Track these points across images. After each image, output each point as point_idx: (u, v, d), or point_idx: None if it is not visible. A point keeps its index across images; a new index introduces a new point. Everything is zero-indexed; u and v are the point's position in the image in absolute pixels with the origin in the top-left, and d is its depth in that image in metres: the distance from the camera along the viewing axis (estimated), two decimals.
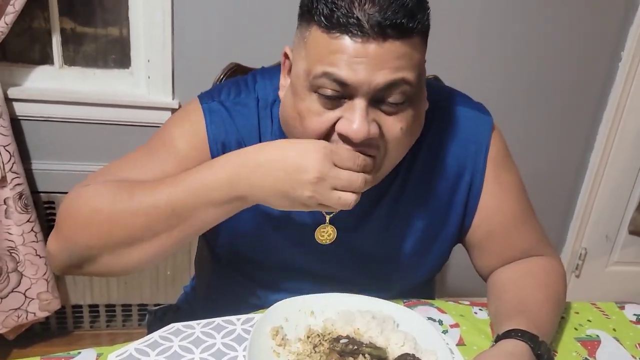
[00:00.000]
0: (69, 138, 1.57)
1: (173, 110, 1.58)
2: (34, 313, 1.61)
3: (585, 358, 0.77)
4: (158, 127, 1.61)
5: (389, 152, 0.66)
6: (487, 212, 0.82)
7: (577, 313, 0.87)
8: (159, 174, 0.70)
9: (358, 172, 0.61)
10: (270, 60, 1.03)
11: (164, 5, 1.47)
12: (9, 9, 1.32)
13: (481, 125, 0.81)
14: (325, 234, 0.77)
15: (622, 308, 0.90)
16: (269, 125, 0.77)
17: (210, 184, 0.64)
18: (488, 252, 0.85)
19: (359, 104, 0.62)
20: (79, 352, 0.67)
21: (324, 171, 0.60)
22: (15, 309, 1.58)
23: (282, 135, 0.75)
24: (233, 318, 0.75)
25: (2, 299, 1.55)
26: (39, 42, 1.55)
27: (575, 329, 0.83)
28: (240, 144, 0.76)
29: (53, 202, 1.60)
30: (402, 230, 0.82)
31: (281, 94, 0.73)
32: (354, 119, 0.62)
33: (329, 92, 0.62)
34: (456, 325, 0.81)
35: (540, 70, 1.77)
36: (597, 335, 0.82)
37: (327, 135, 0.65)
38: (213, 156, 0.74)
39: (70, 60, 1.57)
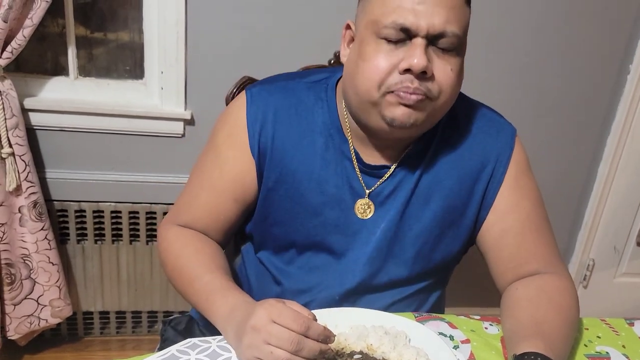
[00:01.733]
0: (82, 147, 1.60)
1: (185, 121, 1.61)
2: (46, 320, 1.63)
3: None
4: (170, 137, 1.65)
5: (442, 91, 0.75)
6: (503, 210, 0.87)
7: (587, 329, 0.88)
8: (209, 191, 0.88)
9: (298, 332, 0.64)
10: None
11: (178, 17, 1.49)
12: (27, 22, 1.35)
13: (507, 129, 0.90)
14: (365, 208, 0.86)
15: (632, 324, 0.91)
16: (305, 105, 0.86)
17: (212, 315, 0.77)
18: (503, 255, 0.87)
19: (419, 42, 0.72)
20: None
21: (258, 324, 0.65)
22: (28, 316, 1.60)
23: (331, 112, 0.85)
24: None
25: (15, 305, 1.57)
26: (54, 53, 1.58)
27: (585, 345, 0.84)
28: (276, 119, 0.84)
29: (66, 210, 1.62)
30: (425, 206, 0.86)
31: (343, 59, 0.82)
32: (415, 54, 0.71)
33: (394, 37, 0.73)
34: (467, 341, 0.82)
35: (548, 82, 1.78)
36: (607, 352, 0.83)
37: (388, 75, 0.73)
38: (251, 143, 0.85)
39: (84, 71, 1.60)
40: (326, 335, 0.67)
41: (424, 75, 0.73)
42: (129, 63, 1.62)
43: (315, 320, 0.68)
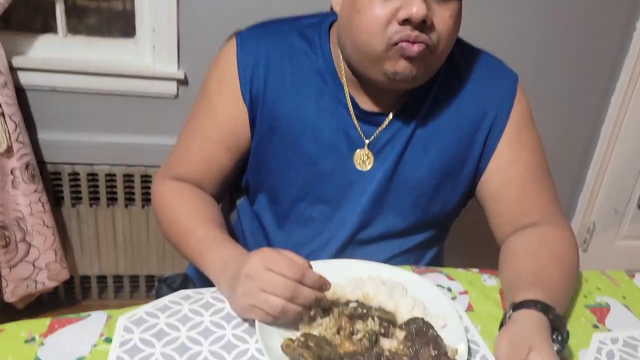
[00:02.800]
0: (74, 108, 1.56)
1: (179, 81, 1.57)
2: (43, 283, 1.62)
3: (595, 324, 0.77)
4: (164, 98, 1.61)
5: (441, 39, 0.72)
6: (504, 159, 0.84)
7: (587, 281, 0.87)
8: (202, 140, 0.85)
9: (293, 279, 0.63)
10: None
11: None
12: None
13: (509, 75, 0.87)
14: (365, 159, 0.84)
15: (632, 276, 0.90)
16: (296, 50, 0.82)
17: (206, 268, 0.76)
18: (503, 207, 0.85)
19: None
20: (89, 315, 0.68)
21: (253, 271, 0.64)
22: (25, 279, 1.59)
23: (324, 56, 0.81)
24: None
25: (11, 268, 1.56)
26: (43, 10, 1.53)
27: (585, 296, 0.83)
28: (268, 63, 0.81)
29: (60, 173, 1.60)
30: (424, 154, 0.84)
31: (337, 8, 0.78)
32: (414, 2, 0.68)
33: None
34: (465, 293, 0.80)
35: (551, 39, 1.73)
36: (607, 303, 0.82)
37: (387, 25, 0.70)
38: (243, 88, 0.82)
39: (74, 29, 1.55)
40: (322, 282, 0.65)
41: (423, 24, 0.69)
42: (119, 21, 1.57)
43: (311, 268, 0.66)
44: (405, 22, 0.69)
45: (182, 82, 1.58)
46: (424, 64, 0.73)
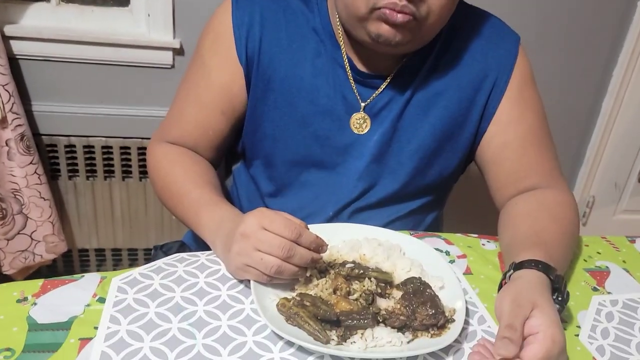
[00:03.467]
0: (68, 79, 1.54)
1: (174, 50, 1.54)
2: (41, 255, 1.62)
3: (594, 287, 0.76)
4: (159, 67, 1.58)
5: (431, 11, 0.69)
6: (505, 121, 0.82)
7: (587, 246, 0.86)
8: (196, 104, 0.83)
9: (289, 239, 0.62)
10: None
11: None
12: None
13: (511, 36, 0.85)
14: (361, 122, 0.82)
15: (633, 241, 0.89)
16: (293, 8, 0.80)
17: (201, 229, 0.75)
18: (503, 169, 0.84)
19: None
20: (83, 276, 0.67)
21: (248, 230, 0.63)
22: (22, 251, 1.59)
23: (322, 16, 0.79)
24: None
25: (8, 240, 1.55)
26: None
27: (585, 260, 0.82)
28: (263, 22, 0.79)
29: (55, 145, 1.58)
30: (423, 118, 0.82)
31: None
32: None
33: None
34: (463, 256, 0.80)
35: (553, 10, 1.70)
36: (607, 267, 0.81)
37: None
38: (238, 48, 0.79)
39: None
40: (318, 243, 0.64)
41: None
42: None
43: (307, 228, 0.65)
44: None
45: (178, 52, 1.55)
46: (411, 33, 0.71)
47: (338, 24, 0.79)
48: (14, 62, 1.47)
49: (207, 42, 0.82)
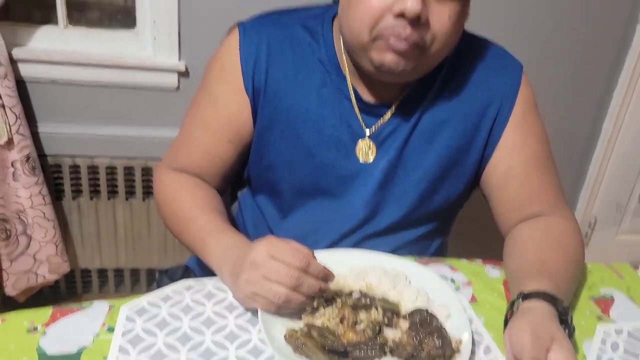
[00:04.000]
0: (75, 100, 1.55)
1: (179, 73, 1.56)
2: (44, 276, 1.62)
3: (599, 316, 0.76)
4: (165, 90, 1.60)
5: (435, 39, 0.70)
6: (509, 147, 0.84)
7: (591, 273, 0.86)
8: (203, 132, 0.85)
9: (298, 268, 0.62)
10: None
11: None
12: None
13: (514, 65, 0.86)
14: (367, 150, 0.84)
15: (636, 268, 0.89)
16: (300, 40, 0.81)
17: (207, 255, 0.75)
18: (507, 195, 0.84)
19: None
20: (91, 304, 0.67)
21: (258, 259, 0.64)
22: (25, 272, 1.59)
23: (327, 48, 0.81)
24: None
25: (12, 261, 1.55)
26: (43, 2, 1.52)
27: (589, 288, 0.83)
28: (269, 53, 0.80)
29: (60, 166, 1.59)
30: (428, 146, 0.83)
31: None
32: None
33: None
34: (469, 284, 0.80)
35: (554, 33, 1.72)
36: (611, 295, 0.81)
37: (380, 17, 0.69)
38: (245, 79, 0.81)
39: (74, 20, 1.54)
40: (326, 273, 0.65)
41: (418, 21, 0.67)
42: (120, 12, 1.56)
43: (315, 258, 0.65)
44: (400, 16, 0.67)
45: (183, 74, 1.57)
46: (414, 61, 0.72)
47: (343, 54, 0.80)
48: (21, 84, 1.49)
49: (214, 71, 0.84)
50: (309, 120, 0.81)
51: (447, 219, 0.95)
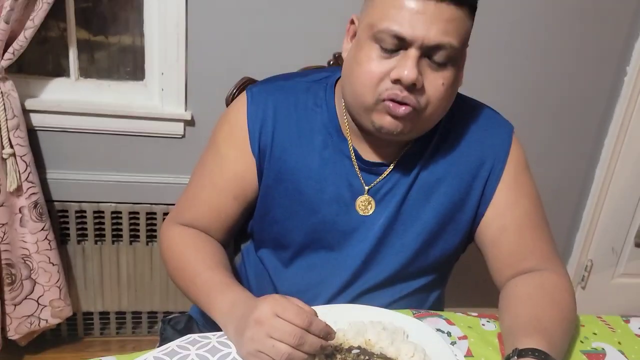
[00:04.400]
0: (83, 148, 1.61)
1: (185, 122, 1.62)
2: (46, 320, 1.63)
3: None
4: (171, 137, 1.65)
5: (430, 103, 0.76)
6: (502, 206, 0.88)
7: (583, 326, 0.89)
8: (210, 190, 0.89)
9: (301, 327, 0.65)
10: None
11: (178, 20, 1.50)
12: (29, 23, 1.36)
13: (505, 126, 0.91)
14: (366, 204, 0.88)
15: (627, 321, 0.92)
16: (304, 105, 0.87)
17: (213, 310, 0.78)
18: (501, 252, 0.88)
19: (412, 53, 0.72)
20: None
21: (262, 317, 0.66)
22: (28, 316, 1.61)
23: (329, 111, 0.86)
24: None
25: (15, 305, 1.57)
26: (56, 55, 1.59)
27: (581, 341, 0.85)
28: (275, 117, 0.86)
29: (67, 211, 1.63)
30: (425, 202, 0.88)
31: (344, 54, 0.83)
32: (407, 65, 0.72)
33: (388, 45, 0.73)
34: (464, 337, 0.83)
35: (546, 85, 1.80)
36: (603, 349, 0.84)
37: (380, 81, 0.75)
38: (252, 142, 0.86)
39: (85, 72, 1.61)
40: (327, 331, 0.68)
41: (413, 87, 0.73)
42: (129, 65, 1.63)
43: (317, 316, 0.68)
44: (396, 81, 0.73)
45: (189, 123, 1.63)
46: (411, 123, 0.77)
47: (345, 117, 0.86)
48: (32, 133, 1.54)
49: (222, 133, 0.89)
50: (312, 179, 0.86)
51: (444, 271, 0.98)
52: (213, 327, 0.79)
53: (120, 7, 1.58)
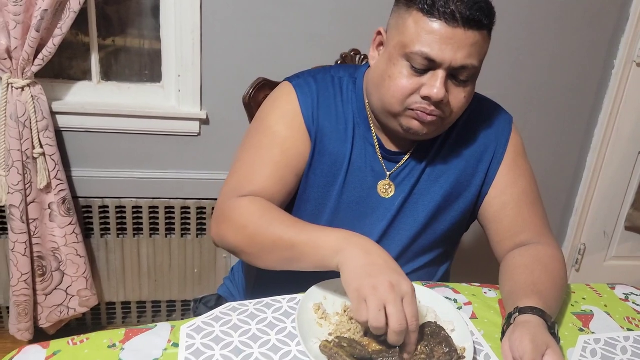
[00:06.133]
0: (106, 147, 1.71)
1: (201, 121, 1.72)
2: (74, 309, 1.74)
3: (580, 328, 0.90)
4: (187, 136, 1.75)
5: (453, 112, 0.89)
6: (502, 185, 0.99)
7: (574, 292, 1.00)
8: (272, 165, 0.93)
9: (400, 324, 0.69)
10: None
11: (194, 25, 1.60)
12: (57, 31, 1.46)
13: (505, 116, 1.03)
14: (387, 188, 0.98)
15: (613, 288, 1.03)
16: (339, 95, 0.97)
17: (323, 243, 0.79)
18: (502, 226, 0.99)
19: (441, 74, 0.83)
20: (156, 325, 0.80)
21: (394, 283, 0.71)
22: (58, 305, 1.71)
23: (358, 104, 0.96)
24: (279, 298, 0.88)
25: (46, 295, 1.68)
26: (78, 60, 1.69)
27: (572, 305, 0.96)
28: (319, 105, 0.95)
29: (91, 206, 1.73)
30: (435, 182, 0.99)
31: (371, 62, 0.93)
32: (436, 85, 0.83)
33: (419, 65, 0.83)
34: (469, 303, 0.94)
35: (538, 78, 1.91)
36: (591, 310, 0.95)
37: (409, 96, 0.85)
38: (307, 125, 0.95)
39: (106, 76, 1.71)
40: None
41: (440, 102, 0.85)
42: (147, 68, 1.73)
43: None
44: (426, 98, 0.85)
45: (204, 122, 1.73)
46: (435, 127, 0.90)
47: (369, 111, 0.97)
48: (58, 133, 1.64)
49: (274, 118, 0.95)
50: (343, 164, 0.97)
51: (450, 246, 1.09)
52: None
53: (138, 14, 1.68)
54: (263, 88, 1.20)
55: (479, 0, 0.82)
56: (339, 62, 1.31)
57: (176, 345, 0.76)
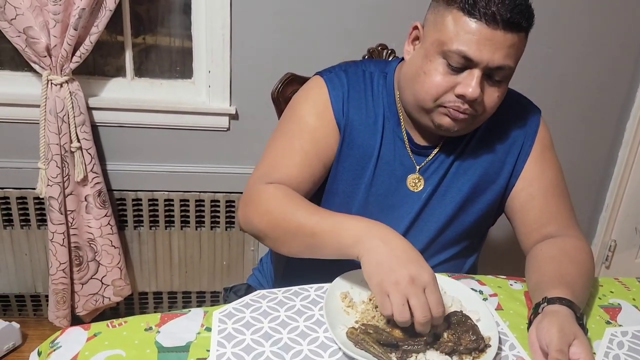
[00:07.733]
0: (139, 141, 1.76)
1: (230, 116, 1.76)
2: (109, 298, 1.80)
3: (608, 321, 0.90)
4: (217, 130, 1.79)
5: (485, 111, 0.90)
6: (530, 177, 1.00)
7: (602, 286, 1.00)
8: (301, 154, 0.95)
9: (425, 316, 0.70)
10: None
11: (224, 22, 1.64)
12: (93, 29, 1.51)
13: (533, 110, 1.04)
14: (417, 182, 0.99)
15: None
16: (370, 90, 0.99)
17: (344, 232, 0.79)
18: (529, 217, 1.00)
19: (477, 73, 0.84)
20: (190, 310, 0.84)
21: (414, 277, 0.71)
22: (93, 294, 1.78)
23: (389, 98, 0.97)
24: (307, 286, 0.91)
25: (82, 284, 1.75)
26: (113, 57, 1.75)
27: (600, 298, 0.96)
28: (349, 99, 0.96)
29: (124, 199, 1.79)
30: (463, 175, 1.00)
31: (406, 56, 0.94)
32: (472, 84, 0.84)
33: (456, 63, 0.84)
34: (495, 295, 0.94)
35: (569, 71, 1.88)
36: (619, 303, 0.95)
37: (444, 93, 0.86)
38: (337, 117, 0.96)
39: (140, 72, 1.76)
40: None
41: (474, 101, 0.86)
42: (178, 64, 1.78)
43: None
44: (460, 96, 0.86)
45: (233, 117, 1.77)
46: (467, 124, 0.91)
47: (399, 105, 0.98)
48: (94, 128, 1.70)
49: (306, 109, 0.97)
50: (372, 157, 0.98)
51: (477, 238, 1.10)
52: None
53: (170, 12, 1.73)
54: (291, 83, 1.23)
55: (520, 2, 0.82)
56: (366, 57, 1.32)
57: (209, 329, 0.80)
